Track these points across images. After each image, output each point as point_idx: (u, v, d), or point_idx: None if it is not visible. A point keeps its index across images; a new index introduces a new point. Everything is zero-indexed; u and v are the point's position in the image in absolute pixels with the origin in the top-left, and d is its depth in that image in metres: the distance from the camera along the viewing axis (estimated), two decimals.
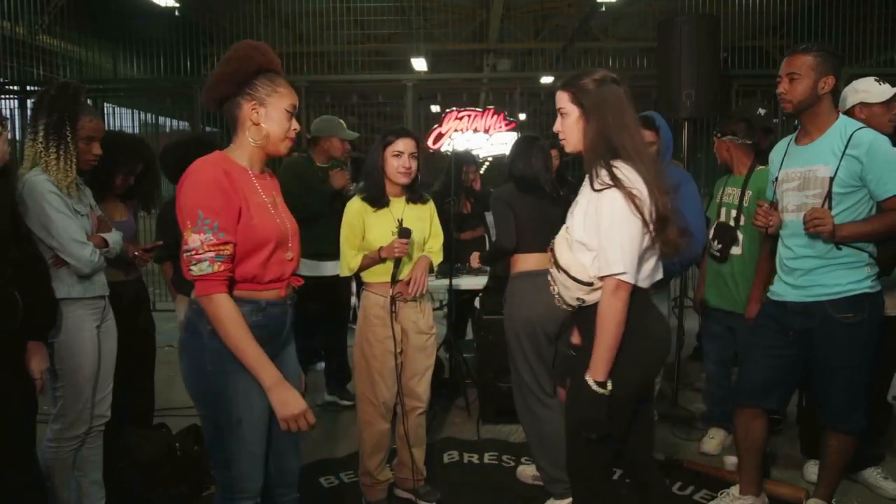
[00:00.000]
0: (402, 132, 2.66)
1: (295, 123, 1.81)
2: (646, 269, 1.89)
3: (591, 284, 1.86)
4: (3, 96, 7.13)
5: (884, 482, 2.89)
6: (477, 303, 4.04)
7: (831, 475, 2.58)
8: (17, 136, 6.41)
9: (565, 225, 1.97)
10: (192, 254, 1.63)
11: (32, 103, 2.38)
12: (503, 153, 4.86)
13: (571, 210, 1.96)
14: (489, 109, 5.43)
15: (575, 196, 1.97)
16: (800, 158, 2.45)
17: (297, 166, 3.83)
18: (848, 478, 2.87)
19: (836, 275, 2.36)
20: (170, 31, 7.45)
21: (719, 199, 3.32)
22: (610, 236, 1.80)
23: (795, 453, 3.20)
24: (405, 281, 2.64)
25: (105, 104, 7.28)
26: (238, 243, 1.68)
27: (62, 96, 2.30)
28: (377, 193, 2.66)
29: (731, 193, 3.27)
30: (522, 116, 6.94)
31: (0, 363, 1.99)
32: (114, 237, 2.47)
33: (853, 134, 2.32)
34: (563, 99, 1.94)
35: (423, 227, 2.72)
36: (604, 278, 1.82)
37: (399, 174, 2.63)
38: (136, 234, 3.00)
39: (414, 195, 2.73)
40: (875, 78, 2.81)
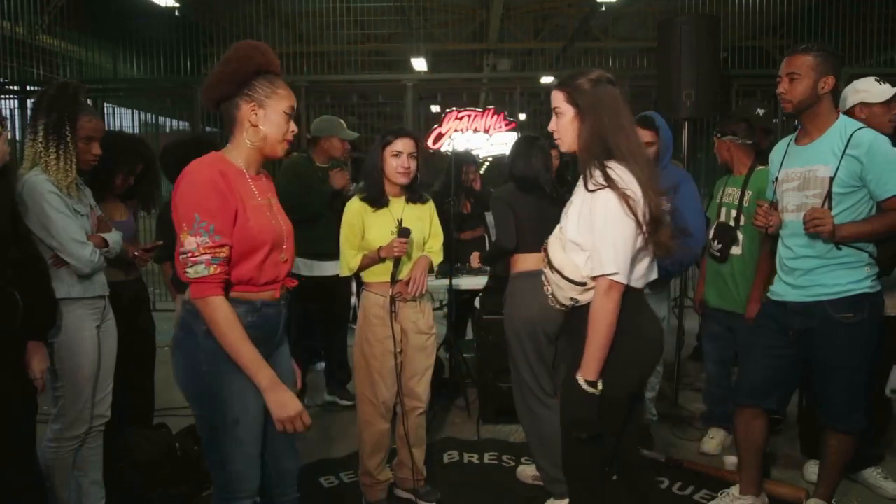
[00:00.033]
0: (401, 132, 2.66)
1: (293, 125, 1.80)
2: (639, 270, 1.89)
3: (584, 284, 1.86)
4: (3, 96, 7.12)
5: (884, 482, 2.89)
6: (477, 303, 4.04)
7: (831, 475, 2.58)
8: (17, 136, 6.41)
9: (559, 225, 1.97)
10: (188, 256, 1.62)
11: (32, 103, 2.38)
12: (503, 153, 4.86)
13: (565, 210, 1.96)
14: (489, 109, 5.42)
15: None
16: (800, 158, 2.45)
17: (297, 166, 3.84)
18: (848, 478, 2.86)
19: (835, 275, 2.37)
20: (170, 31, 7.44)
21: (719, 199, 3.32)
22: (603, 237, 1.80)
23: (795, 453, 3.20)
24: (405, 281, 2.64)
25: (105, 104, 7.27)
26: (234, 245, 1.67)
27: (62, 96, 2.30)
28: (376, 193, 2.66)
29: (731, 193, 3.27)
30: (522, 116, 6.94)
31: (0, 363, 1.99)
32: (114, 237, 2.47)
33: (853, 134, 2.32)
34: (558, 98, 1.94)
35: (422, 226, 2.72)
36: (596, 278, 1.82)
37: (398, 174, 2.63)
38: (136, 234, 3.00)
39: (413, 195, 2.73)
40: (875, 78, 2.81)
